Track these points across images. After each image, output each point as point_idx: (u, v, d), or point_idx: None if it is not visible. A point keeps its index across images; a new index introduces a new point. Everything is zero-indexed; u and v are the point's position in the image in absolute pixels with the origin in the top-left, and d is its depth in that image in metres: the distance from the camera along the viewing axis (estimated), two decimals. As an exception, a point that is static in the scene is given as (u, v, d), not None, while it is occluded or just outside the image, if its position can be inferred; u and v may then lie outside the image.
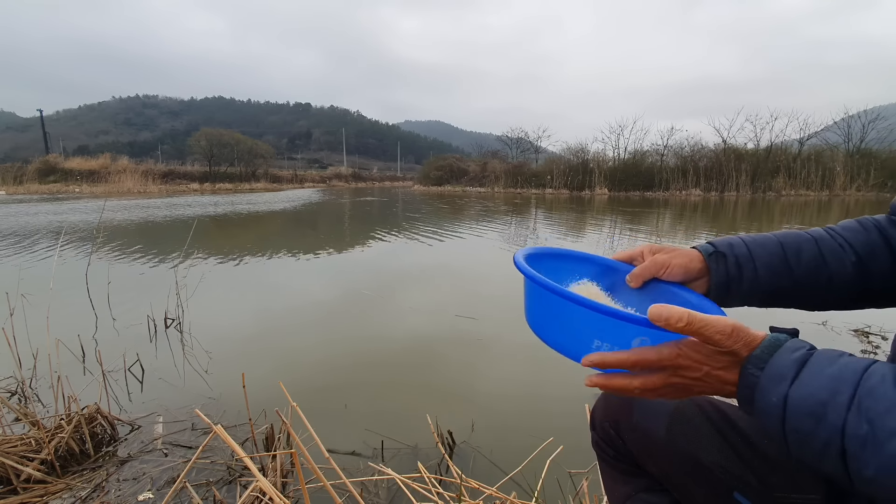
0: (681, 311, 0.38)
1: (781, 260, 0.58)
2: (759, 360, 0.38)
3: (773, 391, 0.36)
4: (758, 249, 0.58)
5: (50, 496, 1.23)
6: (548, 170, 28.02)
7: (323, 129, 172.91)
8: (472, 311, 3.01)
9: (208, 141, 37.25)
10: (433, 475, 1.28)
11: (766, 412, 0.37)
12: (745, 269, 0.58)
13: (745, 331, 0.39)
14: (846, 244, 0.57)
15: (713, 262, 0.59)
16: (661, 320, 0.38)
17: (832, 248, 0.57)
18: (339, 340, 2.54)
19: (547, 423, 1.63)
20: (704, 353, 0.40)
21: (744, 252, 0.58)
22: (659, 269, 0.59)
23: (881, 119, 25.26)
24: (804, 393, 0.35)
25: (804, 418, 0.35)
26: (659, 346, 0.42)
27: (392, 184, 53.55)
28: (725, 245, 0.60)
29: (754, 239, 0.60)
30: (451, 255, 5.49)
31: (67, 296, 3.22)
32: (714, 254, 0.59)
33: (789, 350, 0.38)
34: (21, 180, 30.59)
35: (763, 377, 0.37)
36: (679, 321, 0.38)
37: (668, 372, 0.42)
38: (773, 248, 0.58)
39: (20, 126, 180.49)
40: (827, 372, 0.35)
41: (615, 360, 0.43)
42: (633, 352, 0.42)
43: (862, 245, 0.57)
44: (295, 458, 0.97)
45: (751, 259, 0.58)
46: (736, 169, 23.71)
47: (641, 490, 0.67)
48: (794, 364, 0.36)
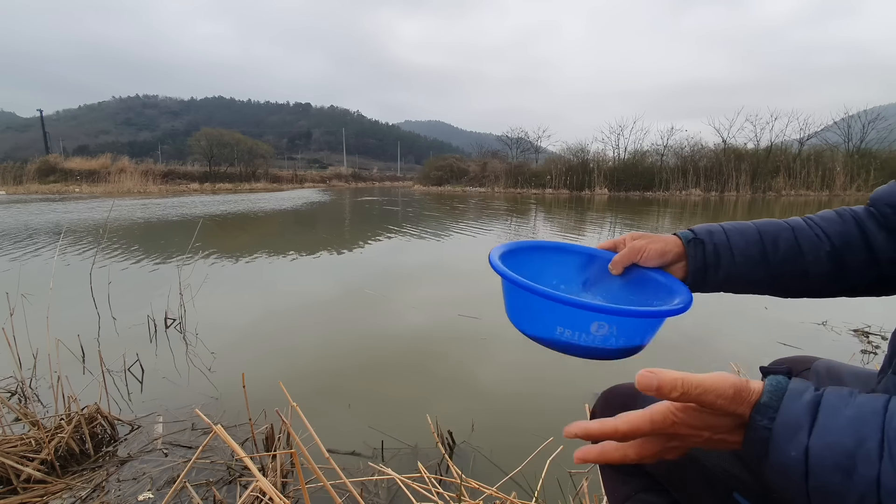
0: (674, 377, 0.34)
1: (759, 249, 0.58)
2: (768, 408, 0.33)
3: (791, 444, 0.32)
4: (736, 237, 0.59)
5: (50, 496, 1.23)
6: (548, 170, 28.00)
7: (323, 129, 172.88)
8: (475, 310, 3.01)
9: (208, 141, 37.25)
10: (433, 475, 1.28)
11: (784, 468, 0.32)
12: (722, 257, 0.59)
13: (747, 390, 0.34)
14: (823, 234, 0.57)
15: (691, 248, 0.60)
16: (651, 389, 0.34)
17: (809, 237, 0.58)
18: (340, 340, 2.54)
19: (547, 423, 1.63)
20: (705, 419, 0.36)
21: (722, 240, 0.59)
22: (636, 254, 0.61)
23: (881, 119, 25.25)
24: (827, 442, 0.31)
25: (831, 473, 0.30)
26: (651, 412, 0.37)
27: (392, 184, 53.53)
28: (705, 232, 0.61)
29: (735, 227, 0.61)
30: (453, 254, 5.49)
31: (67, 296, 3.22)
32: (693, 240, 0.60)
33: (797, 393, 0.33)
34: (21, 180, 30.60)
35: (776, 427, 0.32)
36: (672, 391, 0.34)
37: (664, 438, 0.38)
38: (751, 237, 0.59)
39: (20, 126, 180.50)
40: (845, 414, 0.31)
41: (599, 432, 0.37)
42: (621, 421, 0.37)
43: (838, 235, 0.57)
44: (295, 458, 0.97)
45: (728, 247, 0.59)
46: (736, 169, 23.69)
47: (641, 490, 0.67)
48: (807, 409, 0.32)
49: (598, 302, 0.54)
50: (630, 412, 0.38)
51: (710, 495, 0.57)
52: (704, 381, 0.34)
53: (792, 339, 2.44)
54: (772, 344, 2.38)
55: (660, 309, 0.49)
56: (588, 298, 0.63)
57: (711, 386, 0.34)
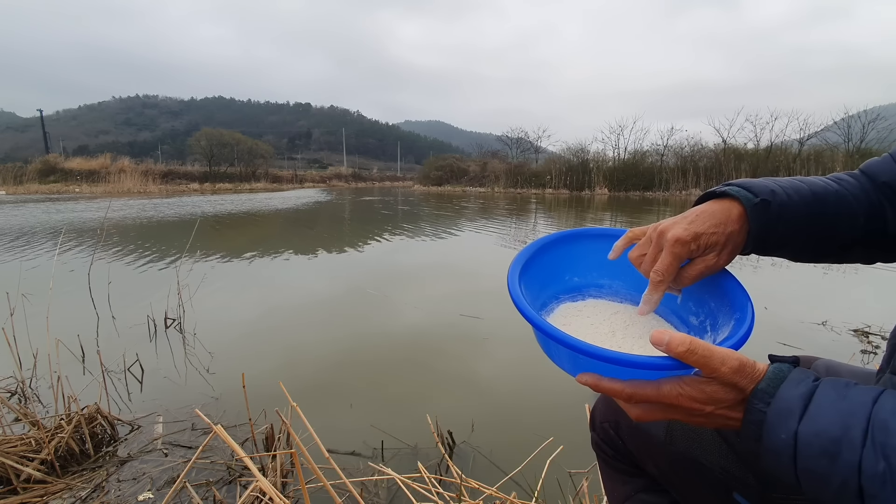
0: (683, 336, 0.36)
1: (812, 210, 0.51)
2: (765, 393, 0.36)
3: (782, 428, 0.34)
4: (795, 197, 0.51)
5: (50, 496, 1.23)
6: (547, 170, 28.03)
7: (323, 129, 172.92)
8: (477, 310, 3.01)
9: (208, 141, 37.29)
10: (433, 475, 1.28)
11: (775, 450, 0.35)
12: (782, 221, 0.50)
13: (752, 366, 0.37)
14: (853, 198, 0.52)
15: (756, 212, 0.49)
16: (661, 345, 0.37)
17: (846, 200, 0.52)
18: (340, 340, 2.54)
19: (547, 423, 1.63)
20: (709, 392, 0.37)
21: (783, 199, 0.50)
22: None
23: (881, 119, 25.24)
24: (815, 429, 0.33)
25: (818, 457, 0.33)
26: (659, 382, 0.39)
27: (392, 184, 53.56)
28: (766, 191, 0.50)
29: (790, 183, 0.52)
30: (455, 253, 5.50)
31: (67, 296, 3.22)
32: (759, 204, 0.49)
33: (794, 382, 0.36)
34: (21, 180, 30.61)
35: (770, 412, 0.35)
36: (680, 345, 0.36)
37: (666, 407, 0.40)
38: (805, 195, 0.51)
39: (20, 126, 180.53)
40: (836, 406, 0.34)
41: (610, 389, 0.40)
42: (629, 384, 0.40)
43: (866, 201, 0.52)
44: (295, 458, 0.97)
45: (791, 208, 0.50)
46: (736, 169, 23.70)
47: (641, 490, 0.67)
48: (801, 398, 0.35)
49: (633, 354, 0.40)
50: (641, 379, 0.40)
51: (710, 495, 0.57)
52: (712, 347, 0.37)
53: (792, 339, 2.44)
54: (772, 344, 2.38)
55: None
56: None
57: (718, 352, 0.36)
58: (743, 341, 0.41)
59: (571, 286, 0.57)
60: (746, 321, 0.43)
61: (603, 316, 0.52)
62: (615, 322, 0.50)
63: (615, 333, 0.48)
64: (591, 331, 0.49)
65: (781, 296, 3.25)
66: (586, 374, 0.42)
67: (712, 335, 0.48)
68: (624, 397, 0.40)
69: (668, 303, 0.53)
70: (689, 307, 0.52)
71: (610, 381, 0.40)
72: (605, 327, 0.50)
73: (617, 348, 0.45)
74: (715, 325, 0.48)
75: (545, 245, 0.55)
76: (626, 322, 0.50)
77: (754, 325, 0.44)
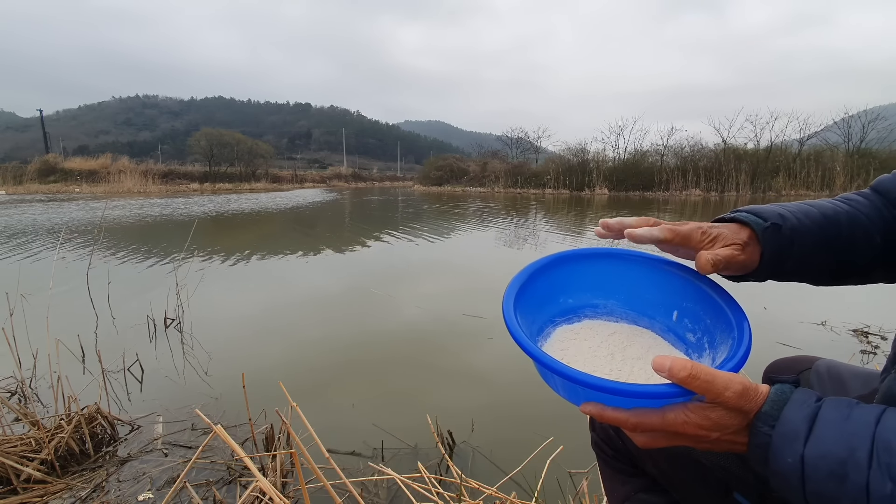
0: (685, 361, 0.36)
1: (825, 234, 0.51)
2: (769, 416, 0.36)
3: (788, 451, 0.34)
4: (806, 221, 0.51)
5: (50, 496, 1.23)
6: (547, 170, 28.00)
7: (323, 129, 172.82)
8: (478, 309, 3.01)
9: (208, 141, 37.26)
10: (433, 475, 1.28)
11: (783, 474, 0.35)
12: (795, 245, 0.50)
13: (755, 390, 0.37)
14: (867, 219, 0.52)
15: (767, 235, 0.49)
16: (663, 371, 0.37)
17: (861, 221, 0.52)
18: (340, 339, 2.54)
19: (547, 423, 1.63)
20: (714, 419, 0.37)
21: (794, 223, 0.50)
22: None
23: (881, 119, 25.25)
24: (821, 452, 0.33)
25: (825, 480, 0.33)
26: (664, 409, 0.39)
27: (392, 184, 53.55)
28: (774, 215, 0.50)
29: (798, 207, 0.52)
30: (456, 252, 5.50)
31: (67, 296, 3.22)
32: (769, 227, 0.50)
33: (798, 404, 0.36)
34: (21, 180, 30.61)
35: (775, 436, 0.35)
36: (682, 370, 0.36)
37: (672, 435, 0.39)
38: (816, 219, 0.51)
39: (20, 126, 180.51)
40: (840, 427, 0.34)
41: (614, 419, 0.40)
42: (634, 413, 0.39)
43: (880, 220, 0.52)
44: (295, 458, 0.97)
45: (801, 232, 0.50)
46: (736, 169, 23.69)
47: (641, 490, 0.67)
48: (805, 420, 0.35)
49: (635, 384, 0.39)
50: (646, 408, 0.39)
51: (710, 495, 0.57)
52: (714, 371, 0.36)
53: (792, 339, 2.44)
54: (772, 344, 2.38)
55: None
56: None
57: (721, 377, 0.36)
58: (743, 362, 0.41)
59: (566, 308, 0.57)
60: (745, 340, 0.43)
61: (600, 338, 0.52)
62: (613, 343, 0.51)
63: (614, 356, 0.49)
64: (589, 355, 0.49)
65: (781, 295, 3.25)
66: (590, 404, 0.41)
67: (711, 353, 0.48)
68: (629, 427, 0.40)
69: (664, 320, 0.54)
70: (686, 324, 0.52)
71: (614, 411, 0.40)
72: (603, 350, 0.50)
73: (617, 372, 0.45)
74: (713, 342, 0.48)
75: (536, 270, 0.55)
76: (623, 343, 0.51)
77: (752, 328, 0.44)
